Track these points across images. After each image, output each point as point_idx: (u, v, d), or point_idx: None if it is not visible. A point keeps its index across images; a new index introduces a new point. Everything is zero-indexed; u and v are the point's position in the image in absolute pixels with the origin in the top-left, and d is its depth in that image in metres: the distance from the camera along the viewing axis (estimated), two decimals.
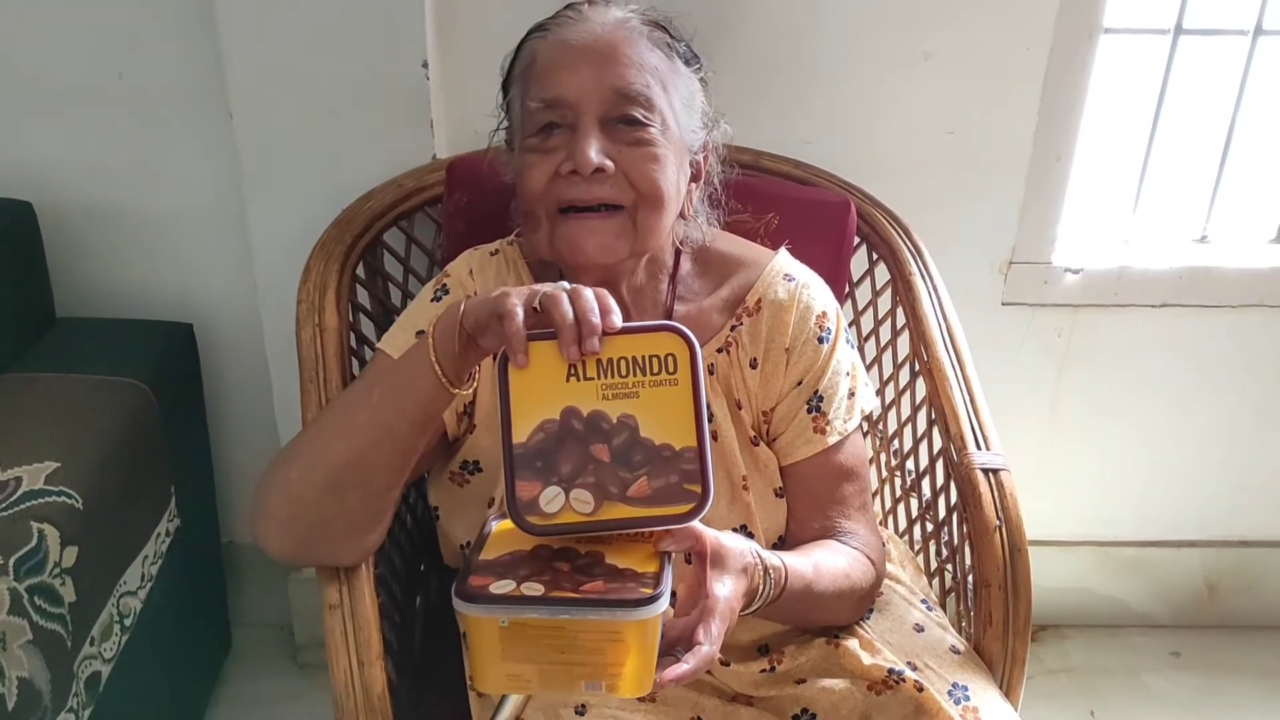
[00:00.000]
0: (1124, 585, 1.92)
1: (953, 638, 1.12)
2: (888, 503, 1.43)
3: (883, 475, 1.43)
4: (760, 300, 1.11)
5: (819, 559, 1.04)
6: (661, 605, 0.77)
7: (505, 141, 1.11)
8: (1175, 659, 1.88)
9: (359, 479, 0.95)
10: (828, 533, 1.10)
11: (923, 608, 1.17)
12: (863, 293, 1.46)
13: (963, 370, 1.27)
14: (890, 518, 1.42)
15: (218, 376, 1.65)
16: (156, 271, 1.60)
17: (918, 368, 1.33)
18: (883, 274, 1.41)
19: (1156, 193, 1.72)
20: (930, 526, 1.32)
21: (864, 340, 1.46)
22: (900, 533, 1.40)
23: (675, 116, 1.03)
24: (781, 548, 1.10)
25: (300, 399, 1.17)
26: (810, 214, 1.34)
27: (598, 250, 1.01)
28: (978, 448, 1.19)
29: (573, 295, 0.82)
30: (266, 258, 1.49)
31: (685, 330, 0.83)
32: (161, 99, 1.49)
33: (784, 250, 1.17)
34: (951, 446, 1.21)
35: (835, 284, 1.24)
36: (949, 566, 1.26)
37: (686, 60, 1.06)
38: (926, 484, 1.34)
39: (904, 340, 1.37)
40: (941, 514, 1.28)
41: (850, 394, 1.12)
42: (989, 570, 1.12)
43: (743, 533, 1.09)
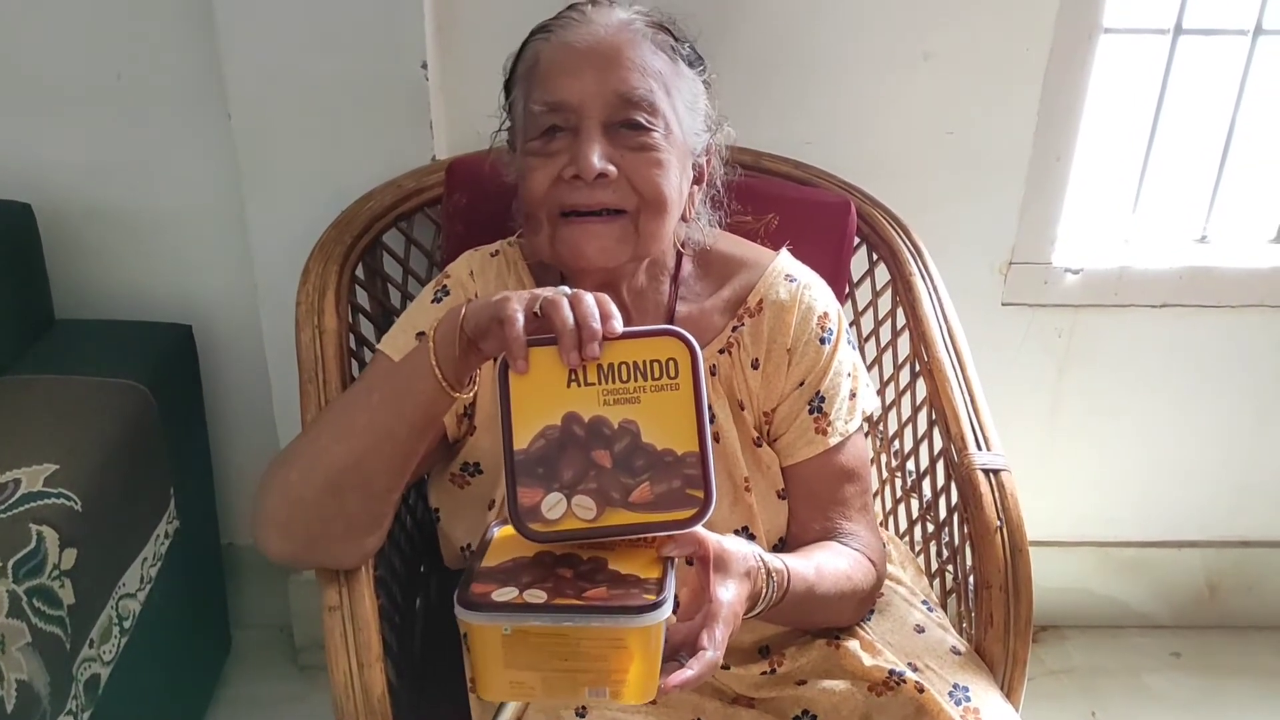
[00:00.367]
0: (1124, 586, 1.92)
1: (954, 639, 1.12)
2: (888, 503, 1.43)
3: (883, 476, 1.43)
4: (762, 301, 1.11)
5: (821, 561, 1.04)
6: (665, 611, 0.77)
7: (507, 142, 1.11)
8: (1176, 659, 1.88)
9: (359, 481, 0.95)
10: (829, 534, 1.10)
11: (923, 609, 1.17)
12: (863, 293, 1.46)
13: (963, 371, 1.27)
14: (891, 519, 1.42)
15: (217, 378, 1.65)
16: (155, 273, 1.59)
17: (918, 368, 1.33)
18: (883, 274, 1.41)
19: (1156, 193, 1.72)
20: (931, 527, 1.32)
21: (864, 341, 1.46)
22: (901, 534, 1.39)
23: (678, 120, 1.03)
24: (782, 549, 1.10)
25: (299, 400, 1.17)
26: (810, 214, 1.34)
27: (599, 254, 1.01)
28: (978, 448, 1.19)
29: (573, 300, 0.82)
30: (266, 259, 1.49)
31: (686, 335, 0.82)
32: (160, 100, 1.49)
33: (785, 251, 1.16)
34: (952, 447, 1.21)
35: (835, 284, 1.24)
36: (950, 567, 1.26)
37: (690, 62, 1.06)
38: (927, 485, 1.33)
39: (904, 341, 1.37)
40: (942, 515, 1.28)
41: (852, 395, 1.12)
42: (990, 571, 1.11)
43: (744, 534, 1.09)
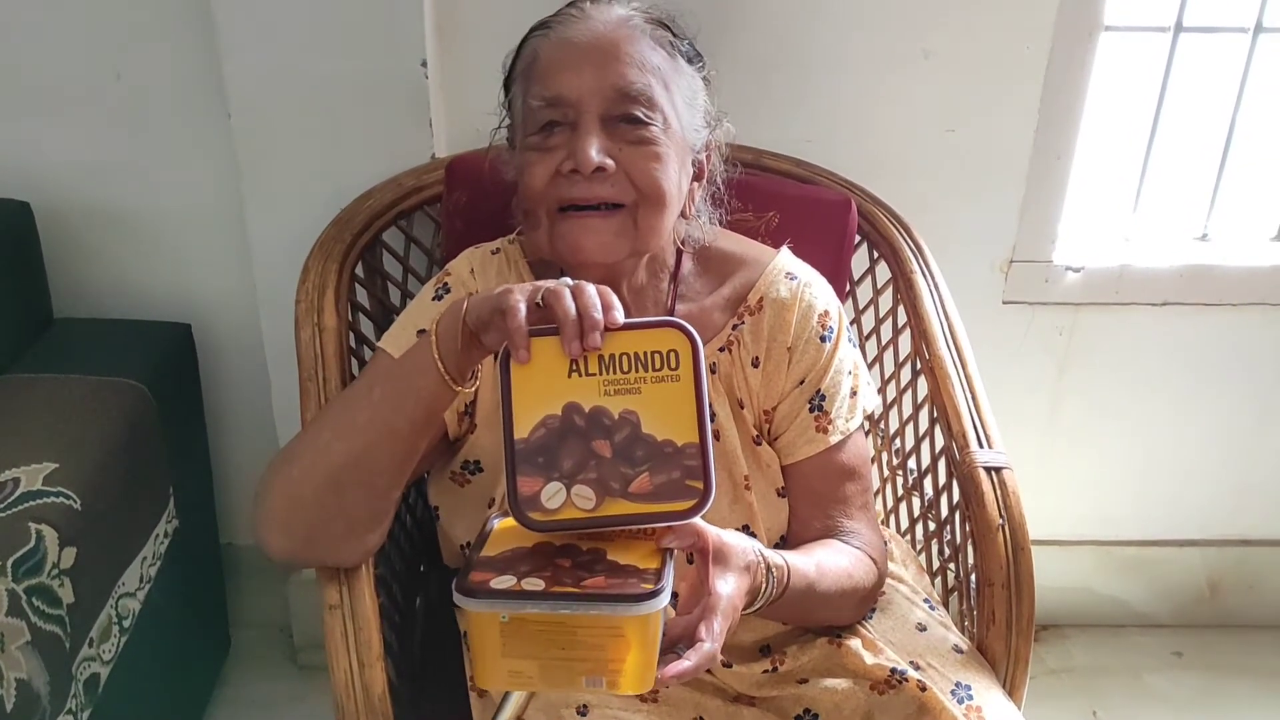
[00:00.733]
0: (1125, 585, 1.92)
1: (955, 637, 1.12)
2: (890, 502, 1.42)
3: (884, 474, 1.43)
4: (762, 299, 1.11)
5: (821, 558, 1.04)
6: (662, 600, 0.77)
7: (507, 140, 1.11)
8: (1177, 658, 1.88)
9: (360, 479, 0.94)
10: (830, 532, 1.10)
11: (925, 607, 1.17)
12: (863, 291, 1.46)
13: (964, 368, 1.26)
14: (892, 517, 1.42)
15: (216, 377, 1.65)
16: (155, 271, 1.59)
17: (919, 366, 1.32)
18: (884, 272, 1.41)
19: (1157, 191, 1.71)
20: (932, 525, 1.32)
21: (865, 339, 1.46)
22: (902, 532, 1.39)
23: (677, 115, 1.03)
24: (783, 547, 1.10)
25: (299, 399, 1.16)
26: (811, 212, 1.34)
27: (597, 249, 1.01)
28: (980, 446, 1.19)
29: (575, 291, 0.82)
30: (265, 257, 1.48)
31: (687, 326, 0.82)
32: (160, 99, 1.49)
33: (785, 249, 1.16)
34: (953, 445, 1.21)
35: (836, 282, 1.24)
36: (951, 565, 1.26)
37: (689, 59, 1.06)
38: (928, 483, 1.33)
39: (905, 339, 1.37)
40: (944, 513, 1.28)
41: (852, 393, 1.12)
42: (992, 569, 1.11)
43: (745, 532, 1.09)
